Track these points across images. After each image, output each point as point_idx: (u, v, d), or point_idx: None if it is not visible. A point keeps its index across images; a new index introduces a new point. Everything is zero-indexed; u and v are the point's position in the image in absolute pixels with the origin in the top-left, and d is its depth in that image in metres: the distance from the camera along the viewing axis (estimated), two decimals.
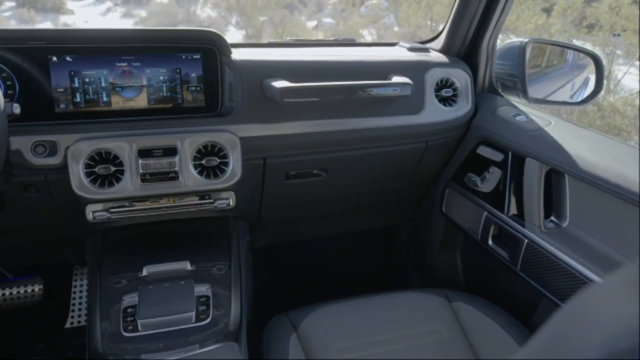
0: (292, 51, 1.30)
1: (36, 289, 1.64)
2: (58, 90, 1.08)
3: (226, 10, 9.14)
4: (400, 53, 1.41)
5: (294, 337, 1.08)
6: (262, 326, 1.16)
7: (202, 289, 1.09)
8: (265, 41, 1.49)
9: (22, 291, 1.63)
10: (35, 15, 8.76)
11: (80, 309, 1.68)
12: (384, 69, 1.29)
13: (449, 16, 1.45)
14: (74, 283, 1.72)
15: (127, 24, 8.48)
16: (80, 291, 1.72)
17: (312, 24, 8.74)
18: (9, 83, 1.04)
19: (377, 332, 1.12)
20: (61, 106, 1.09)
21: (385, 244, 1.88)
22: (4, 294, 1.63)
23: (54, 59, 1.08)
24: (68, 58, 1.08)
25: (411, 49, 1.43)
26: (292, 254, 1.81)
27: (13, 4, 9.10)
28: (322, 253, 1.86)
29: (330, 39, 1.53)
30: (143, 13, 9.41)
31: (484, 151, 1.34)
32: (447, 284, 1.52)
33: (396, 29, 7.61)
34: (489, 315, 1.17)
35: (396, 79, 1.25)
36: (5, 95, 1.02)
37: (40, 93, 1.07)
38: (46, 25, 8.35)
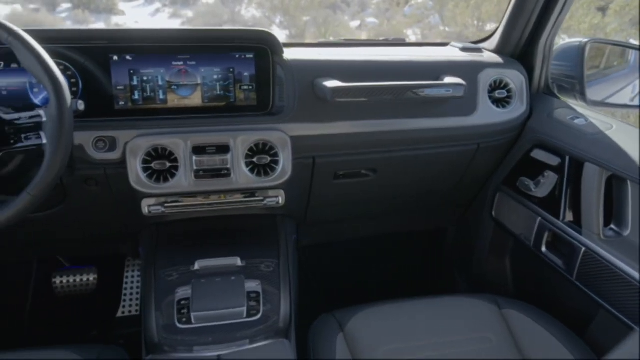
0: (343, 51, 1.30)
1: (91, 278, 1.72)
2: (118, 87, 1.13)
3: (270, 10, 9.24)
4: (452, 53, 1.39)
5: (341, 337, 1.07)
6: (306, 324, 1.16)
7: (253, 285, 1.11)
8: (316, 41, 1.50)
9: (78, 280, 1.71)
10: (89, 16, 9.11)
11: (131, 299, 1.74)
12: (436, 70, 1.27)
13: (504, 15, 1.41)
14: (125, 274, 1.79)
15: (175, 24, 8.70)
16: (132, 282, 1.78)
17: (355, 23, 8.70)
18: (73, 81, 1.09)
19: (425, 336, 1.10)
20: (120, 103, 1.13)
21: (431, 247, 1.85)
22: (61, 282, 1.71)
23: (115, 57, 1.12)
24: (128, 57, 1.12)
25: (464, 49, 1.40)
26: (337, 253, 1.81)
27: (69, 5, 9.49)
28: (367, 253, 1.85)
29: (380, 38, 1.52)
30: (190, 13, 9.63)
31: (539, 155, 1.29)
32: (495, 290, 1.48)
33: (442, 28, 7.48)
34: (542, 325, 1.13)
35: (448, 79, 1.23)
36: (70, 92, 1.07)
37: (101, 90, 1.12)
38: (99, 25, 8.68)
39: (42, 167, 0.88)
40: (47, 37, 1.03)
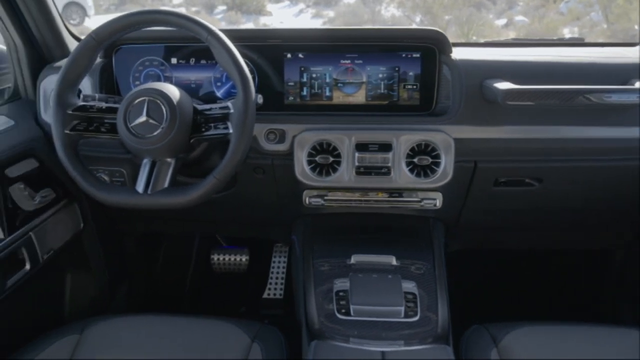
0: (514, 51, 1.24)
1: (243, 259, 1.87)
2: (289, 84, 1.20)
3: (411, 9, 9.13)
4: None
5: (495, 352, 1.02)
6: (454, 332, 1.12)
7: (409, 286, 1.10)
8: (485, 40, 1.44)
9: (232, 259, 1.88)
10: (240, 17, 9.87)
11: (276, 283, 1.85)
12: (623, 73, 1.14)
13: None
14: (273, 259, 1.90)
15: (316, 24, 9.03)
16: (278, 267, 1.89)
17: (501, 22, 8.20)
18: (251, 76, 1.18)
19: None
20: (290, 98, 1.21)
21: (593, 268, 1.67)
22: (218, 259, 1.89)
23: (288, 55, 1.19)
24: (300, 55, 1.19)
25: None
26: (485, 262, 1.73)
27: (224, 7, 10.38)
28: (516, 266, 1.74)
29: (554, 38, 1.41)
30: (331, 14, 9.93)
31: None
32: None
33: (604, 26, 6.69)
34: None
35: None
36: None
37: (273, 86, 1.20)
38: (248, 25, 9.35)
39: (227, 154, 0.97)
40: (233, 37, 1.12)
